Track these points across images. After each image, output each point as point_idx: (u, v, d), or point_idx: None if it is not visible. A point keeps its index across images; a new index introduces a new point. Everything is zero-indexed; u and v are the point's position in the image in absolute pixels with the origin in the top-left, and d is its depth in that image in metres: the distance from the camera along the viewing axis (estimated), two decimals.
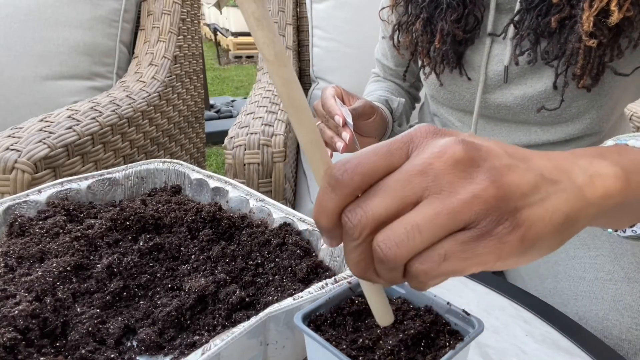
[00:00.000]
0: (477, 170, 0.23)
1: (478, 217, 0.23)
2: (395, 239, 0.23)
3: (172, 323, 0.42)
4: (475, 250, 0.23)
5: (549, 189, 0.25)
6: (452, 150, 0.23)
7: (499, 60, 0.66)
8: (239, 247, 0.50)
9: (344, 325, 0.35)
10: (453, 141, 0.24)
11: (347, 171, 0.24)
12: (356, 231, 0.24)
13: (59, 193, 0.57)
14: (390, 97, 0.82)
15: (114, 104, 1.02)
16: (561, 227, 0.25)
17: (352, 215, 0.24)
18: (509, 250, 0.23)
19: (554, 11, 0.58)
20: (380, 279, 0.25)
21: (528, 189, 0.24)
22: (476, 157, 0.23)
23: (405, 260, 0.23)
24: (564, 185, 0.25)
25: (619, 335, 0.56)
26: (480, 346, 0.45)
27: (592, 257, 0.63)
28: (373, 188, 0.24)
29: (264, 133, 0.87)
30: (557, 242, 0.25)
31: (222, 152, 2.86)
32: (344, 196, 0.24)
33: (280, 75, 0.23)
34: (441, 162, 0.23)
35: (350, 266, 0.25)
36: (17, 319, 0.37)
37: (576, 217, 0.25)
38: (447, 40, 0.67)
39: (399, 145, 0.24)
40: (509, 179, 0.23)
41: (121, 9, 1.26)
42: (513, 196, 0.23)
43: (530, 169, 0.25)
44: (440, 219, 0.22)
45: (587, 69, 0.58)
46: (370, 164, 0.24)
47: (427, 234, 0.23)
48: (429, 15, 0.68)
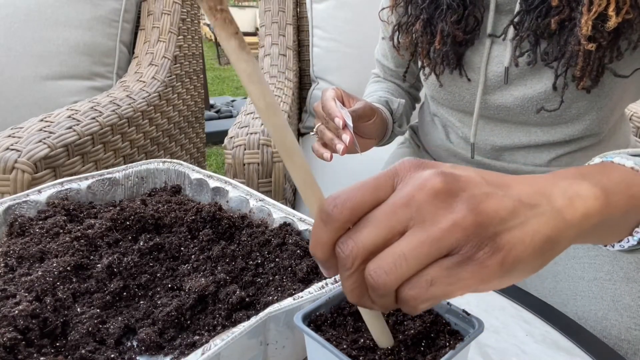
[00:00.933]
0: (455, 200, 0.25)
1: (459, 244, 0.24)
2: (384, 267, 0.24)
3: (172, 323, 0.42)
4: (459, 275, 0.24)
5: (528, 213, 0.26)
6: (431, 183, 0.25)
7: (499, 62, 0.66)
8: (239, 247, 0.50)
9: (344, 325, 0.35)
10: (433, 174, 0.25)
11: (337, 206, 0.25)
12: (348, 261, 0.25)
13: (59, 193, 0.57)
14: (391, 98, 0.82)
15: (114, 104, 1.02)
16: (542, 249, 0.26)
17: (344, 246, 0.25)
18: (489, 273, 0.24)
19: (554, 13, 0.58)
20: (374, 305, 0.26)
21: (506, 214, 0.25)
22: (455, 187, 0.25)
23: (395, 287, 0.25)
24: (543, 208, 0.27)
25: (618, 335, 0.56)
26: (481, 346, 0.45)
27: (591, 257, 0.63)
28: (362, 220, 0.26)
29: (264, 133, 0.87)
30: (539, 263, 0.26)
31: (222, 152, 2.86)
32: (335, 229, 0.26)
33: (272, 123, 0.25)
34: (422, 194, 0.25)
35: (346, 294, 0.27)
36: (17, 318, 0.37)
37: (557, 239, 0.26)
38: (447, 42, 0.67)
39: (384, 180, 0.26)
40: (487, 206, 0.25)
41: (121, 8, 1.26)
42: (492, 222, 0.25)
43: (508, 195, 0.26)
44: (424, 247, 0.24)
45: (587, 71, 0.58)
46: (358, 199, 0.26)
47: (413, 261, 0.24)
48: (428, 16, 0.68)
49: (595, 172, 0.32)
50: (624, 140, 0.75)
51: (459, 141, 0.79)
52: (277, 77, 1.28)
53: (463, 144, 0.78)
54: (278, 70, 1.32)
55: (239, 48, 0.23)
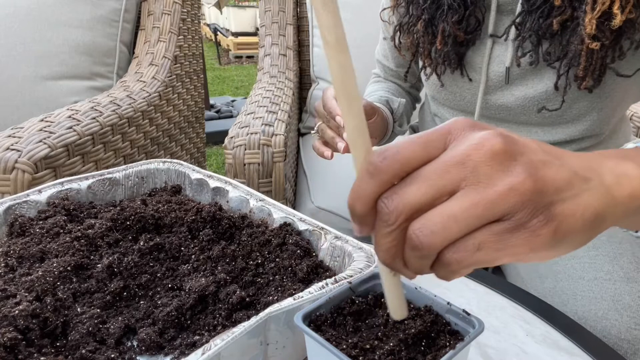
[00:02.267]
0: (514, 163, 0.24)
1: (513, 209, 0.23)
2: (431, 227, 0.23)
3: (173, 323, 0.42)
4: (509, 241, 0.23)
5: (582, 186, 0.25)
6: (490, 143, 0.24)
7: (500, 62, 0.66)
8: (239, 247, 0.50)
9: (344, 325, 0.35)
10: (491, 134, 0.24)
11: (387, 158, 0.24)
12: (392, 217, 0.24)
13: (60, 193, 0.57)
14: (391, 97, 0.82)
15: (114, 104, 1.02)
16: (591, 224, 0.25)
17: (389, 201, 0.24)
18: (541, 242, 0.24)
19: (556, 13, 0.58)
20: (406, 268, 0.26)
21: (562, 185, 0.24)
22: (514, 150, 0.24)
23: (439, 249, 0.24)
24: (595, 183, 0.26)
25: (618, 335, 0.56)
26: (481, 346, 0.45)
27: (591, 257, 0.63)
28: (410, 176, 0.24)
29: (264, 133, 0.87)
30: (586, 238, 0.26)
31: (222, 152, 2.86)
32: (381, 183, 0.24)
33: (338, 60, 0.23)
34: (479, 154, 0.23)
35: (379, 252, 0.26)
36: (17, 318, 0.37)
37: (605, 215, 0.26)
38: (448, 42, 0.67)
39: (437, 136, 0.25)
40: (545, 173, 0.24)
41: (121, 9, 1.26)
42: (548, 190, 0.24)
43: (564, 165, 0.25)
44: (476, 209, 0.23)
45: (590, 71, 0.58)
46: (408, 153, 0.24)
47: (463, 223, 0.23)
48: (430, 16, 0.68)
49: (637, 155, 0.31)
50: (624, 140, 0.75)
51: None
52: (277, 77, 1.28)
53: None
54: (278, 70, 1.32)
55: None
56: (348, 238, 0.49)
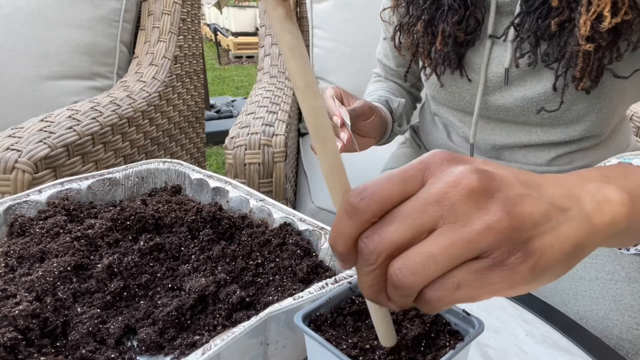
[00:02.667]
0: (491, 200, 0.24)
1: (491, 248, 0.23)
2: (411, 267, 0.23)
3: (173, 323, 0.42)
4: (488, 279, 0.24)
5: (559, 218, 0.25)
6: (467, 180, 0.24)
7: (499, 62, 0.66)
8: (239, 247, 0.50)
9: (344, 325, 0.35)
10: (468, 170, 0.24)
11: (364, 199, 0.24)
12: (372, 257, 0.24)
13: (60, 193, 0.57)
14: (391, 97, 0.82)
15: (114, 104, 1.02)
16: (570, 255, 0.25)
17: (369, 241, 0.24)
18: (519, 279, 0.24)
19: (554, 14, 0.58)
20: (390, 302, 0.26)
21: (539, 219, 0.24)
22: (490, 187, 0.24)
23: (419, 288, 0.24)
24: (574, 213, 0.26)
25: (620, 335, 0.56)
26: (481, 346, 0.45)
27: (592, 257, 0.63)
28: (389, 215, 0.25)
29: (265, 133, 0.87)
30: (565, 268, 0.26)
31: (222, 152, 2.86)
32: (360, 223, 0.25)
33: (310, 104, 0.24)
34: (456, 192, 0.23)
35: (362, 289, 0.26)
36: (17, 318, 0.37)
37: (584, 245, 0.26)
38: (448, 42, 0.67)
39: (414, 173, 0.25)
40: (522, 209, 0.24)
41: (121, 9, 1.26)
42: (525, 226, 0.24)
43: (542, 197, 0.25)
44: (455, 249, 0.23)
45: (587, 72, 0.58)
46: (386, 192, 0.24)
47: (442, 263, 0.23)
48: (430, 16, 0.68)
49: (619, 175, 0.31)
50: (624, 140, 0.75)
51: (460, 141, 0.79)
52: (277, 77, 1.28)
53: (464, 144, 0.78)
54: (278, 70, 1.31)
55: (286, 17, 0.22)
56: None
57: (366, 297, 0.26)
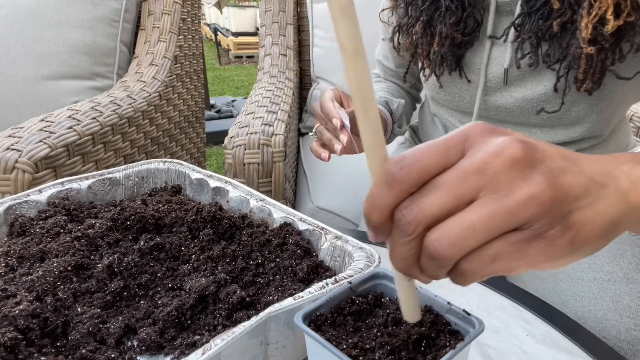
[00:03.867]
0: (534, 171, 0.23)
1: (532, 219, 0.23)
2: (449, 238, 0.23)
3: (173, 323, 0.42)
4: (526, 251, 0.23)
5: (599, 193, 0.25)
6: (510, 150, 0.23)
7: (499, 63, 0.66)
8: (239, 247, 0.50)
9: (345, 325, 0.35)
10: (510, 140, 0.23)
11: (404, 168, 0.24)
12: (410, 227, 0.24)
13: (60, 193, 0.57)
14: (391, 98, 0.82)
15: (114, 103, 1.02)
16: (607, 231, 0.25)
17: (407, 211, 0.24)
18: (558, 252, 0.24)
19: (555, 15, 0.58)
20: (422, 275, 0.25)
21: (580, 192, 0.24)
22: (533, 158, 0.23)
23: (456, 259, 0.24)
24: (611, 189, 0.26)
25: (618, 336, 0.56)
26: (481, 346, 0.45)
27: (591, 257, 0.63)
28: (428, 184, 0.24)
29: (264, 133, 0.87)
30: (602, 244, 0.26)
31: (222, 152, 2.85)
32: (399, 192, 0.24)
33: (355, 68, 0.23)
34: (499, 162, 0.23)
35: (395, 261, 0.25)
36: (17, 318, 0.37)
37: (620, 221, 0.26)
38: (445, 43, 0.67)
39: (455, 143, 0.24)
40: (563, 181, 0.24)
41: (122, 8, 1.26)
42: (567, 199, 0.23)
43: (582, 172, 0.25)
44: (495, 220, 0.23)
45: (590, 74, 0.58)
46: (426, 161, 0.24)
47: (481, 234, 0.23)
48: (428, 17, 0.68)
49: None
50: (624, 140, 0.75)
51: None
52: (277, 77, 1.28)
53: None
54: (278, 70, 1.32)
55: None
56: (348, 238, 0.49)
57: (398, 269, 0.26)
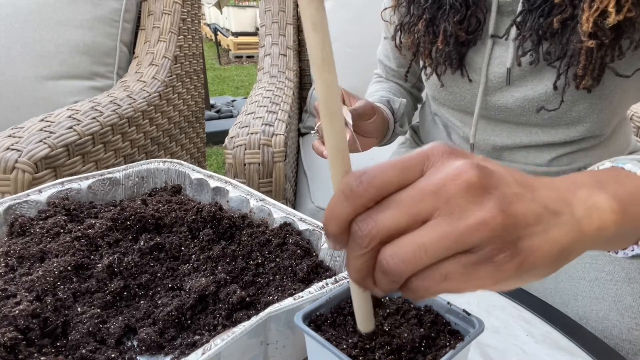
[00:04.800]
0: (487, 197, 0.24)
1: (482, 243, 0.23)
2: (402, 255, 0.24)
3: (173, 323, 0.42)
4: (475, 273, 0.24)
5: (551, 221, 0.26)
6: (467, 175, 0.24)
7: (500, 62, 0.66)
8: (239, 247, 0.50)
9: (345, 325, 0.35)
10: (468, 165, 0.24)
11: (363, 183, 0.24)
12: (365, 241, 0.24)
13: (60, 193, 0.57)
14: (392, 97, 0.82)
15: (114, 103, 1.02)
16: (557, 257, 0.26)
17: (363, 225, 0.24)
18: (505, 276, 0.24)
19: (556, 12, 0.58)
20: (376, 287, 0.26)
21: (532, 220, 0.25)
22: (488, 183, 0.24)
23: (408, 276, 0.24)
24: (565, 217, 0.26)
25: (619, 336, 0.56)
26: (481, 346, 0.45)
27: (592, 257, 0.63)
28: (386, 201, 0.25)
29: (265, 133, 0.87)
30: (551, 270, 0.26)
31: (222, 152, 2.85)
32: (356, 206, 0.25)
33: (324, 79, 0.24)
34: (455, 185, 0.24)
35: (350, 272, 0.26)
36: (17, 318, 0.37)
37: (572, 249, 0.26)
38: (450, 42, 0.67)
39: (415, 162, 0.25)
40: (516, 208, 0.24)
41: (122, 8, 1.26)
42: (518, 225, 0.24)
43: (535, 199, 0.26)
44: (447, 241, 0.23)
45: (589, 70, 0.58)
46: (385, 178, 0.25)
47: (432, 254, 0.24)
48: (431, 15, 0.68)
49: (611, 180, 0.31)
50: (624, 140, 0.75)
51: (460, 141, 0.78)
52: (277, 77, 1.28)
53: (464, 144, 0.78)
54: (278, 70, 1.31)
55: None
56: None
57: (352, 279, 0.26)
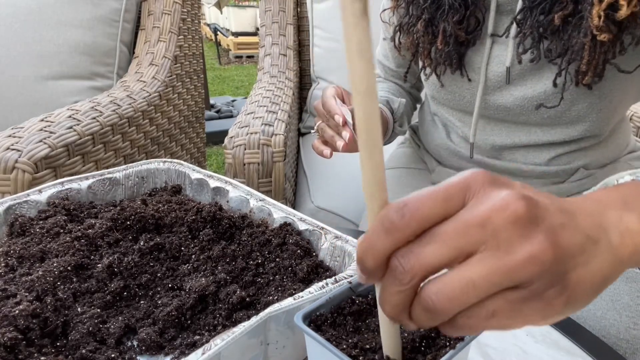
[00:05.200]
0: (536, 229, 0.23)
1: (532, 278, 0.22)
2: (449, 293, 0.23)
3: (173, 323, 0.42)
4: (523, 310, 0.23)
5: (593, 251, 0.25)
6: (513, 206, 0.23)
7: (500, 62, 0.66)
8: (239, 247, 0.50)
9: (344, 325, 0.35)
10: (514, 195, 0.23)
11: (405, 216, 0.23)
12: (406, 277, 0.23)
13: (60, 193, 0.57)
14: (391, 97, 0.82)
15: (114, 103, 1.02)
16: (599, 287, 0.25)
17: (405, 260, 0.23)
18: (553, 311, 0.23)
19: (557, 9, 0.58)
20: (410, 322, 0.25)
21: (577, 251, 0.24)
22: (535, 215, 0.23)
23: (454, 314, 0.23)
24: (603, 245, 0.26)
25: (617, 335, 0.56)
26: (481, 346, 0.45)
27: None
28: (428, 234, 0.23)
29: (264, 133, 0.87)
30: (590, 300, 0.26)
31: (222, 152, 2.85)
32: (397, 240, 0.24)
33: (366, 109, 0.23)
34: (501, 218, 0.22)
35: (385, 307, 0.25)
36: (17, 318, 0.37)
37: (610, 277, 0.26)
38: (449, 42, 0.67)
39: (456, 191, 0.24)
40: (563, 239, 0.23)
41: (122, 8, 1.26)
42: (565, 258, 0.23)
43: (578, 228, 0.25)
44: (496, 277, 0.22)
45: (592, 65, 0.58)
46: (428, 210, 0.23)
47: (481, 291, 0.22)
48: (430, 16, 0.68)
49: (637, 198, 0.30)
50: (624, 140, 0.75)
51: (459, 140, 0.79)
52: (277, 77, 1.28)
53: (463, 144, 0.78)
54: (278, 70, 1.32)
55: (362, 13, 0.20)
56: (348, 238, 0.49)
57: (387, 314, 0.25)
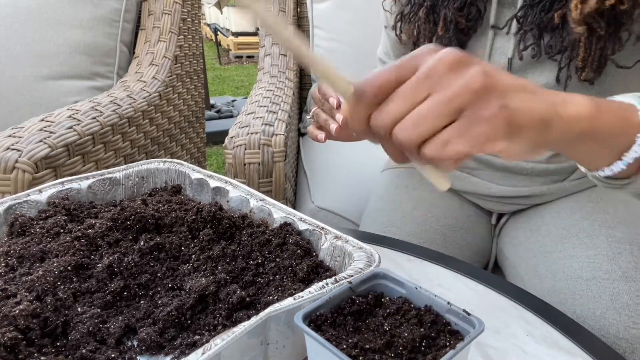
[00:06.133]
0: (469, 67, 0.29)
1: (469, 104, 0.29)
2: (405, 127, 0.30)
3: (173, 323, 0.42)
4: (470, 132, 0.29)
5: (528, 95, 0.31)
6: (450, 56, 0.30)
7: (502, 53, 0.66)
8: (239, 247, 0.50)
9: (344, 325, 0.35)
10: (450, 50, 0.30)
11: (367, 84, 0.31)
12: (382, 130, 0.31)
13: (60, 193, 0.57)
14: None
15: (114, 103, 1.02)
16: (538, 125, 0.31)
17: (375, 120, 0.31)
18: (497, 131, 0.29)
19: (557, 6, 0.59)
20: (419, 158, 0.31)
21: (511, 87, 0.30)
22: (468, 59, 0.30)
23: (416, 143, 0.30)
24: (541, 97, 0.32)
25: (617, 334, 0.56)
26: (481, 346, 0.45)
27: (589, 256, 0.63)
28: (391, 96, 0.31)
29: (265, 133, 0.87)
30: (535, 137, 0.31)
31: (222, 152, 2.85)
32: (368, 105, 0.32)
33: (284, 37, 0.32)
34: (441, 65, 0.29)
35: (390, 156, 0.34)
36: (17, 318, 0.38)
37: (549, 122, 0.32)
38: (450, 28, 0.67)
39: (407, 62, 0.31)
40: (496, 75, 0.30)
41: (122, 8, 1.26)
42: (498, 87, 0.29)
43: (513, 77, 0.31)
44: (438, 107, 0.29)
45: (589, 61, 0.58)
46: (384, 77, 0.31)
47: (430, 121, 0.29)
48: (432, 3, 0.69)
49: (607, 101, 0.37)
50: None
51: None
52: (277, 76, 1.28)
53: None
54: (279, 70, 1.32)
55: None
56: (348, 238, 0.49)
57: (396, 162, 0.34)
